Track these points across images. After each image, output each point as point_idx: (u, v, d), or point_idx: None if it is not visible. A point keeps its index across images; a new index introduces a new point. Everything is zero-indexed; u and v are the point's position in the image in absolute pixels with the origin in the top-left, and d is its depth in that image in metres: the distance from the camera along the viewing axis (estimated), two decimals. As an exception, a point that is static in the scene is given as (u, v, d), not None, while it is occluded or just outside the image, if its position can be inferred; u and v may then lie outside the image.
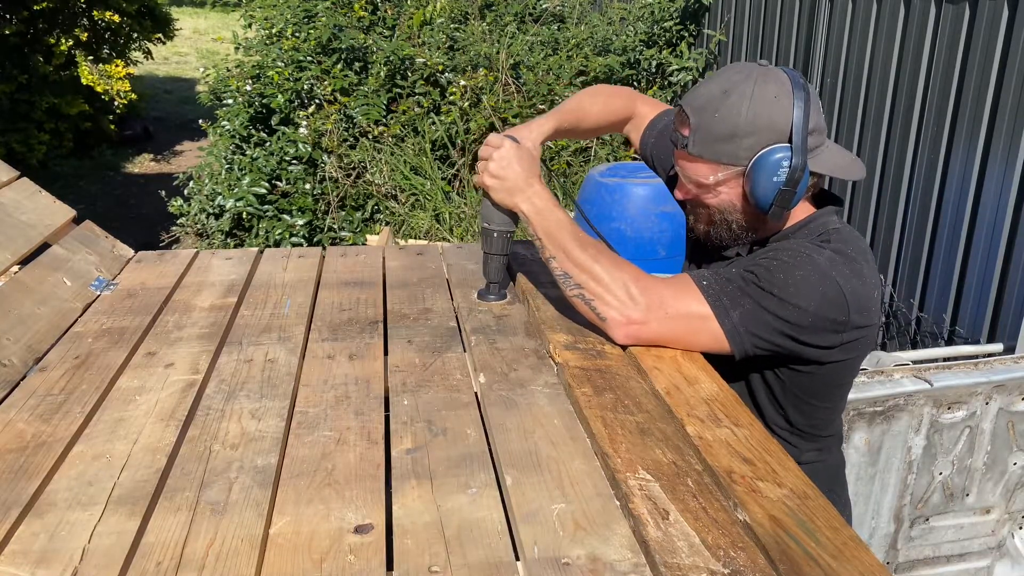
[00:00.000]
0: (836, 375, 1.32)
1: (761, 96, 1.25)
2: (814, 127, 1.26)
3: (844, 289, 1.22)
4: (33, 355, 1.31)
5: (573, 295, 1.32)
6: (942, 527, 2.53)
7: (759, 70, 1.28)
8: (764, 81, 1.26)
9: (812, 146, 1.27)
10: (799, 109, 1.24)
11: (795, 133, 1.24)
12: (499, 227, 1.45)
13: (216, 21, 16.18)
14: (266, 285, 1.65)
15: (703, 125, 1.28)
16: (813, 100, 1.27)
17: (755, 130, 1.25)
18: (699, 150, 1.30)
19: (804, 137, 1.24)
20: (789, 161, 1.24)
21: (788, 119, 1.24)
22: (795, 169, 1.24)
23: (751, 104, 1.24)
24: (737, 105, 1.25)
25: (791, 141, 1.24)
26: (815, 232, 1.32)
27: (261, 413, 1.15)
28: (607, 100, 1.64)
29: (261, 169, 5.29)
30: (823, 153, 1.30)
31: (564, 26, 7.05)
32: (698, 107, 1.29)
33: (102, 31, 8.33)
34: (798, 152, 1.24)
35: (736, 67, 1.31)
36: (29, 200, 1.70)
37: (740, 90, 1.26)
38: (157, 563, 0.85)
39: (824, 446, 1.42)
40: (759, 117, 1.25)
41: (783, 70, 1.28)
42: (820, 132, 1.29)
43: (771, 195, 1.27)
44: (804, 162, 1.25)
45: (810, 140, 1.26)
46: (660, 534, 0.88)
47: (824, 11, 4.07)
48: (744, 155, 1.27)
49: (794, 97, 1.24)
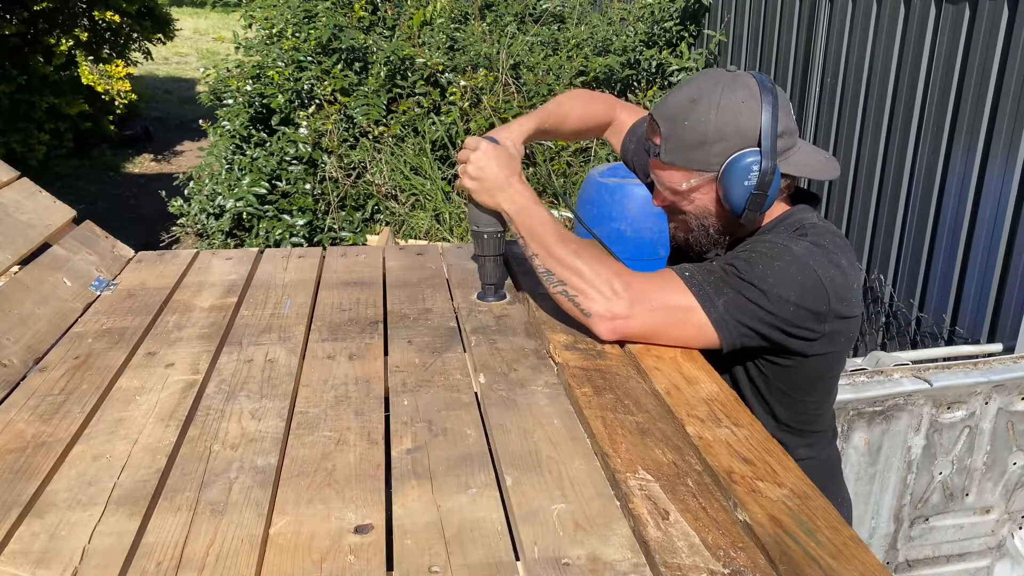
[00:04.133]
0: (819, 368, 1.33)
1: (729, 102, 1.26)
2: (783, 130, 1.28)
3: (823, 278, 1.23)
4: (33, 355, 1.31)
5: (556, 291, 1.32)
6: (942, 527, 2.53)
7: (727, 76, 1.29)
8: (732, 87, 1.27)
9: (782, 149, 1.29)
10: (767, 113, 1.25)
11: (764, 137, 1.25)
12: (487, 228, 1.45)
13: (216, 21, 16.18)
14: (266, 285, 1.65)
15: (674, 133, 1.30)
16: (782, 103, 1.28)
17: (724, 136, 1.27)
18: (671, 158, 1.32)
19: (773, 141, 1.26)
20: (759, 165, 1.26)
21: (756, 124, 1.26)
22: (765, 172, 1.26)
23: (719, 111, 1.26)
24: (706, 112, 1.27)
25: (760, 145, 1.26)
26: (791, 227, 1.33)
27: (261, 413, 1.15)
28: (587, 104, 1.67)
29: (261, 169, 5.29)
30: (795, 155, 1.31)
31: (564, 26, 7.04)
32: (668, 116, 1.31)
33: (102, 31, 8.33)
34: (767, 156, 1.25)
35: (705, 74, 1.32)
36: (29, 200, 1.70)
37: (708, 98, 1.27)
38: (157, 563, 0.85)
39: (815, 442, 1.43)
40: (727, 123, 1.26)
41: (752, 75, 1.30)
42: (791, 134, 1.30)
43: (743, 199, 1.29)
44: (774, 165, 1.26)
45: (780, 143, 1.27)
46: (660, 534, 0.88)
47: (824, 11, 4.07)
48: (715, 161, 1.29)
49: (762, 101, 1.26)
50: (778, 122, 1.26)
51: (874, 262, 3.75)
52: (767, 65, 4.74)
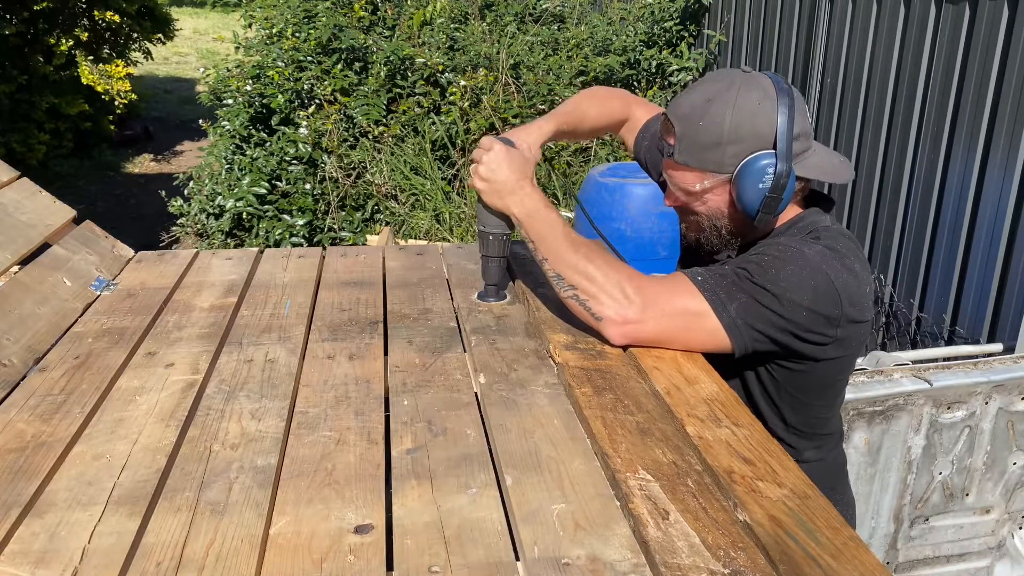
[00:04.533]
0: (830, 373, 1.32)
1: (744, 103, 1.25)
2: (799, 132, 1.26)
3: (835, 282, 1.22)
4: (33, 355, 1.31)
5: (567, 296, 1.31)
6: (942, 527, 2.53)
7: (742, 76, 1.28)
8: (747, 88, 1.26)
9: (798, 151, 1.27)
10: (783, 115, 1.24)
11: (779, 139, 1.24)
12: (494, 229, 1.45)
13: (216, 21, 16.18)
14: (266, 285, 1.65)
15: (688, 133, 1.28)
16: (798, 105, 1.27)
17: (739, 137, 1.25)
18: (685, 158, 1.30)
19: (789, 143, 1.24)
20: (774, 168, 1.24)
21: (772, 126, 1.24)
22: (780, 175, 1.25)
23: (735, 112, 1.25)
24: (721, 113, 1.25)
25: (776, 147, 1.24)
26: (804, 230, 1.32)
27: (261, 413, 1.15)
28: (604, 102, 1.65)
29: (261, 169, 5.29)
30: (810, 157, 1.30)
31: (564, 26, 7.04)
32: (682, 115, 1.29)
33: (102, 31, 8.33)
34: (783, 158, 1.24)
35: (719, 74, 1.31)
36: (29, 200, 1.70)
37: (723, 98, 1.26)
38: (157, 563, 0.85)
39: (823, 444, 1.42)
40: (743, 124, 1.25)
41: (767, 75, 1.28)
42: (806, 137, 1.29)
43: (757, 202, 1.27)
44: (789, 168, 1.25)
45: (795, 145, 1.26)
46: (660, 534, 0.88)
47: (824, 11, 4.07)
48: (729, 163, 1.27)
49: (778, 103, 1.24)
50: (794, 124, 1.24)
51: (874, 262, 3.75)
52: (767, 65, 4.74)
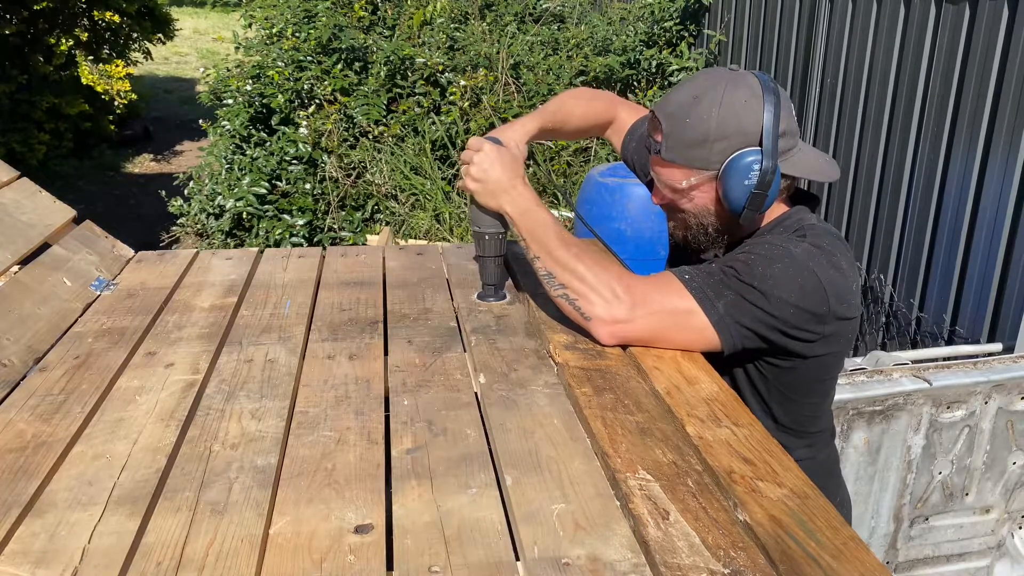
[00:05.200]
0: (819, 369, 1.33)
1: (731, 101, 1.26)
2: (785, 130, 1.28)
3: (823, 280, 1.23)
4: (33, 355, 1.31)
5: (557, 295, 1.32)
6: (942, 527, 2.53)
7: (729, 75, 1.29)
8: (734, 86, 1.27)
9: (783, 149, 1.28)
10: (769, 113, 1.25)
11: (765, 137, 1.25)
12: (489, 229, 1.45)
13: (216, 21, 16.17)
14: (266, 285, 1.65)
15: (675, 131, 1.30)
16: (784, 103, 1.28)
17: (725, 135, 1.26)
18: (672, 155, 1.31)
19: (775, 140, 1.25)
20: (760, 164, 1.26)
21: (758, 123, 1.25)
22: (766, 172, 1.26)
23: (721, 109, 1.26)
24: (707, 110, 1.26)
25: (761, 144, 1.25)
26: (790, 228, 1.33)
27: (261, 413, 1.15)
28: (589, 103, 1.67)
29: (261, 169, 5.29)
30: (795, 155, 1.31)
31: (564, 26, 7.04)
32: (669, 113, 1.31)
33: (102, 31, 8.32)
34: (768, 155, 1.25)
35: (707, 72, 1.32)
36: (29, 200, 1.70)
37: (710, 95, 1.27)
38: (157, 563, 0.85)
39: (814, 443, 1.43)
40: (729, 122, 1.26)
41: (754, 74, 1.29)
42: (792, 135, 1.30)
43: (743, 199, 1.28)
44: (775, 165, 1.26)
45: (781, 143, 1.27)
46: (660, 534, 0.88)
47: (824, 11, 4.07)
48: (716, 159, 1.28)
49: (764, 101, 1.26)
50: (780, 122, 1.26)
51: (874, 262, 3.75)
52: (767, 65, 4.74)
